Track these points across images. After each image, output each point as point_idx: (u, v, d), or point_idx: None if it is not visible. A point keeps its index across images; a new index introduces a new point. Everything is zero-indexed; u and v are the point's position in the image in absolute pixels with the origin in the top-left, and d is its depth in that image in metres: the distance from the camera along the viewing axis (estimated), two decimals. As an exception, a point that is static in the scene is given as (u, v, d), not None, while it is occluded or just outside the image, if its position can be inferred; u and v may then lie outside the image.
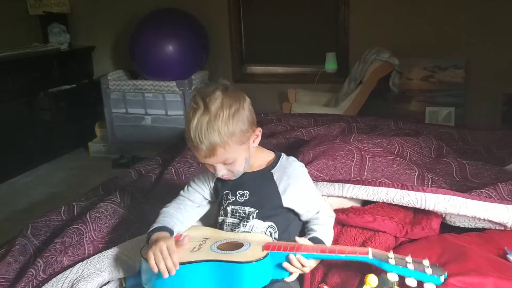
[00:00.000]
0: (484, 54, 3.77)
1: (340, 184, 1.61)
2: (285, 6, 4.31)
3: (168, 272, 1.19)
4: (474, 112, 3.88)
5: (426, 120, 3.87)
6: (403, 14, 3.90)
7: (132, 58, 4.08)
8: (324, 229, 1.37)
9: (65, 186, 3.71)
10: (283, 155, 1.43)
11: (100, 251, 1.48)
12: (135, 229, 1.57)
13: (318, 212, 1.40)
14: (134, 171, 2.16)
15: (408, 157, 1.95)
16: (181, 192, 1.50)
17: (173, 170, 2.02)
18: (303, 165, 1.45)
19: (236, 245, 1.28)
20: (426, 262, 1.12)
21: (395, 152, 1.95)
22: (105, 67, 4.69)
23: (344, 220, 1.51)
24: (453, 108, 3.86)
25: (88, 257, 1.44)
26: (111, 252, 1.44)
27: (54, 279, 1.34)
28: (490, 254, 1.34)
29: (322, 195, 1.54)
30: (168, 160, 2.24)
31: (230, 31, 4.39)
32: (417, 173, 1.77)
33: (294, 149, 2.05)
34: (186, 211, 1.44)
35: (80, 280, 1.31)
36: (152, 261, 1.20)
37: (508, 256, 1.33)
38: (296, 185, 1.37)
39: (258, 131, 1.35)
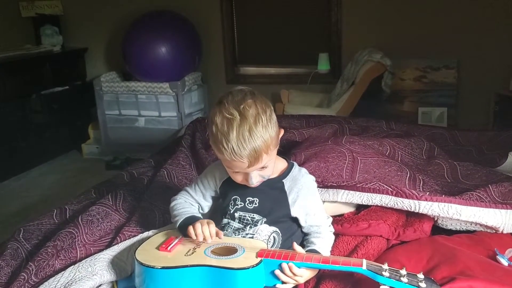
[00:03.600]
0: (476, 54, 3.79)
1: (335, 190, 1.61)
2: (278, 7, 4.32)
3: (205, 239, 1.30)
4: (467, 112, 3.90)
5: (419, 120, 3.89)
6: (395, 15, 3.91)
7: (125, 60, 4.07)
8: (324, 243, 1.38)
9: (58, 189, 3.70)
10: (296, 165, 1.45)
11: (92, 254, 1.47)
12: (127, 232, 1.57)
13: (320, 226, 1.41)
14: (127, 174, 2.15)
15: (399, 159, 1.96)
16: (188, 188, 1.53)
17: (165, 172, 2.02)
18: (314, 179, 1.46)
19: (231, 251, 1.29)
20: (420, 276, 1.11)
21: (386, 154, 1.96)
22: (98, 69, 4.68)
23: (339, 231, 1.52)
24: (445, 108, 3.88)
25: (80, 260, 1.43)
26: (103, 255, 1.44)
27: (46, 283, 1.33)
28: (480, 255, 1.35)
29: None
30: (160, 162, 2.24)
31: (223, 32, 4.39)
32: (408, 175, 1.78)
33: (286, 151, 2.06)
34: (192, 207, 1.49)
35: (71, 283, 1.31)
36: (191, 230, 1.31)
37: (497, 257, 1.34)
38: (305, 199, 1.38)
39: (281, 132, 1.36)
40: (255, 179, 1.31)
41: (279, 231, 1.38)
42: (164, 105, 4.05)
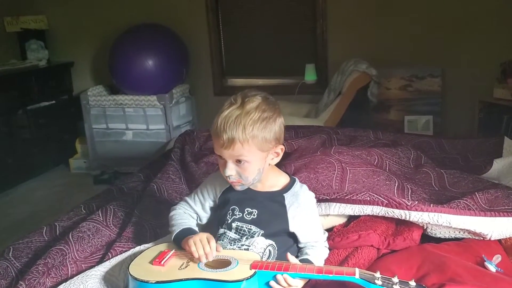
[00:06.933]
0: (459, 62, 3.85)
1: (326, 203, 1.63)
2: (264, 19, 4.35)
3: (206, 257, 1.29)
4: (452, 120, 3.96)
5: (405, 128, 3.93)
6: (380, 26, 3.97)
7: (112, 73, 4.07)
8: (318, 254, 1.41)
9: (46, 204, 3.66)
10: (297, 181, 1.47)
11: (83, 271, 1.47)
12: (119, 248, 1.57)
13: (317, 242, 1.44)
14: (116, 189, 2.14)
15: (387, 168, 1.98)
16: (187, 198, 1.54)
17: (155, 187, 2.02)
18: (314, 195, 1.49)
19: (224, 263, 1.29)
20: (412, 283, 1.13)
21: (374, 163, 1.98)
22: (84, 83, 4.66)
23: (331, 245, 1.54)
24: (431, 116, 3.93)
25: (71, 277, 1.42)
26: (95, 271, 1.43)
27: (37, 302, 1.33)
28: (468, 262, 1.37)
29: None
30: (150, 176, 2.24)
31: (210, 43, 4.41)
32: (397, 184, 1.80)
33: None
34: (191, 218, 1.51)
35: (63, 301, 1.30)
36: (192, 247, 1.30)
37: (485, 263, 1.36)
38: (304, 215, 1.40)
39: (280, 149, 1.37)
40: (230, 171, 1.32)
41: (275, 245, 1.39)
42: (152, 118, 4.04)
